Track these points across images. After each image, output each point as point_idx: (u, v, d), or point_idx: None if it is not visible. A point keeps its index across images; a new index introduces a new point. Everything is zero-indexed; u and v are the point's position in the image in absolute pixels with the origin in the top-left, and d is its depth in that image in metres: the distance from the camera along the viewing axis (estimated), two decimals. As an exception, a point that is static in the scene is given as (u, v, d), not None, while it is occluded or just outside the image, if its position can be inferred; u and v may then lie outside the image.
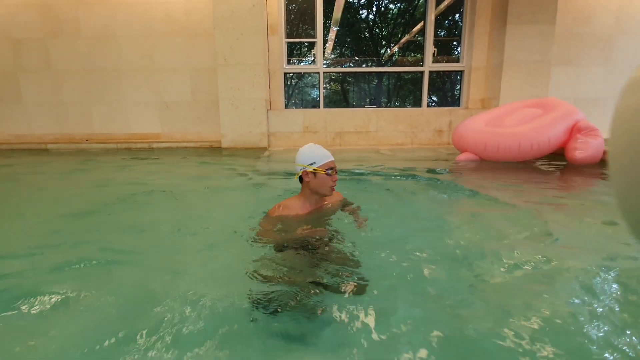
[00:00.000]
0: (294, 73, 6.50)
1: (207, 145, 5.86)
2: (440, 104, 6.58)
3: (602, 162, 3.89)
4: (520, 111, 4.27)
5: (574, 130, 3.97)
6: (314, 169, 1.69)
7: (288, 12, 6.05)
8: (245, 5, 5.21)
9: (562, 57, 5.99)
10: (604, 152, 3.94)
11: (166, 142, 5.94)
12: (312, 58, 6.17)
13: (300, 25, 6.31)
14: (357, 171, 3.65)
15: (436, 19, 6.02)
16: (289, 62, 6.17)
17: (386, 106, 6.80)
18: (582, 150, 3.83)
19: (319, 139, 5.95)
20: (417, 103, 6.31)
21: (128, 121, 6.17)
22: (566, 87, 6.09)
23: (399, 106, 6.82)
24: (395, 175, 3.55)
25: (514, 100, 4.75)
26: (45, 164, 4.65)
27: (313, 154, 1.71)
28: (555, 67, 5.87)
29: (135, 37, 5.86)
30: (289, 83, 6.61)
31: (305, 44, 6.34)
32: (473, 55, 5.93)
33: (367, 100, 7.01)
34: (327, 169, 1.69)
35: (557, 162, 4.15)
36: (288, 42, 6.04)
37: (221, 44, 5.31)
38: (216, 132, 5.93)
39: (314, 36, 5.95)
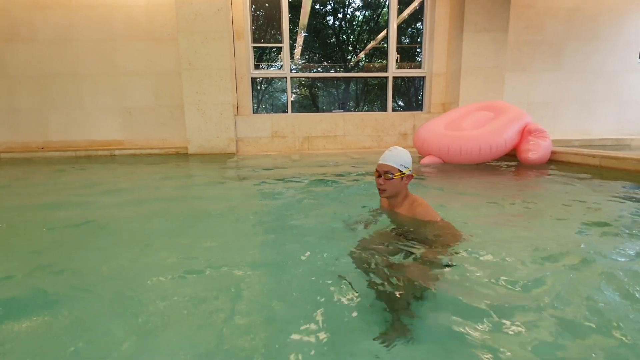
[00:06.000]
0: (263, 78, 6.51)
1: (173, 151, 5.73)
2: (406, 108, 6.78)
3: (550, 162, 4.14)
4: (473, 114, 4.47)
5: (525, 133, 4.19)
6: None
7: (254, 17, 6.06)
8: (210, 9, 5.18)
9: (516, 63, 6.34)
10: (552, 153, 4.20)
11: (129, 149, 5.76)
12: (281, 63, 6.21)
13: (268, 31, 6.33)
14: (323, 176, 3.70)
15: (399, 27, 6.23)
16: (257, 67, 6.17)
17: (355, 111, 6.93)
18: (535, 151, 4.04)
19: (287, 143, 5.97)
20: (384, 108, 6.47)
21: (87, 128, 5.94)
22: (520, 91, 6.44)
23: (368, 110, 6.96)
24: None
25: (472, 105, 4.97)
26: None
27: None
28: (510, 72, 6.20)
29: (94, 40, 5.68)
30: (258, 88, 6.60)
31: (274, 49, 6.37)
32: (434, 62, 6.17)
33: (336, 105, 7.11)
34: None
35: (508, 163, 4.36)
36: (255, 47, 6.04)
37: (185, 48, 5.24)
38: (182, 137, 5.82)
39: (281, 41, 5.99)
